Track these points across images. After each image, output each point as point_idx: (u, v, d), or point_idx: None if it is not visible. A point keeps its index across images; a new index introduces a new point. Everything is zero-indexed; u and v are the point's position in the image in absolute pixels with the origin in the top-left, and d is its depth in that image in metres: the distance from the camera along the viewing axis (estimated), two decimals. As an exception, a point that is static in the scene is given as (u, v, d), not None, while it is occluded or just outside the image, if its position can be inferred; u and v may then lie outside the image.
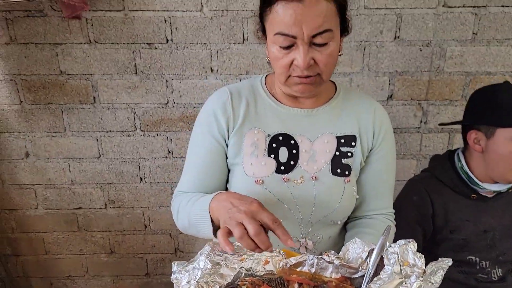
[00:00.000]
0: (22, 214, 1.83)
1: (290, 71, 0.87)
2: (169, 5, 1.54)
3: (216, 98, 1.00)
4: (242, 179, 0.95)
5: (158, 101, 1.67)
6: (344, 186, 0.96)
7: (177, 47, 1.59)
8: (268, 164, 0.95)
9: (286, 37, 0.83)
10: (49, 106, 1.66)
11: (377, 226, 1.00)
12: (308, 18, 0.80)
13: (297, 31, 0.81)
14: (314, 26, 0.81)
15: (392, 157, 1.04)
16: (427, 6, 1.56)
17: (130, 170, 1.78)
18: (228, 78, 1.64)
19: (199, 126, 1.01)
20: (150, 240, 1.90)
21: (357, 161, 0.99)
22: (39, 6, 1.53)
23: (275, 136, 0.96)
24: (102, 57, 1.60)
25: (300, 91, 0.90)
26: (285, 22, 0.81)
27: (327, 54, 0.85)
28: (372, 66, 1.64)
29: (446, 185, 1.29)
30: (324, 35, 0.82)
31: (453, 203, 1.28)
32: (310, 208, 0.95)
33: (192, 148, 1.01)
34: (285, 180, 0.94)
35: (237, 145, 0.96)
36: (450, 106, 1.69)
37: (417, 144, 1.75)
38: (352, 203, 0.99)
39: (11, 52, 1.58)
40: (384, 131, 1.00)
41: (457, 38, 1.60)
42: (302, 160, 0.96)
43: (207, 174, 0.99)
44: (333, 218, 0.97)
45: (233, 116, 0.97)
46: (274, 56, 0.87)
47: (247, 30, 1.57)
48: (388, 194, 1.05)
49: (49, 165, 1.75)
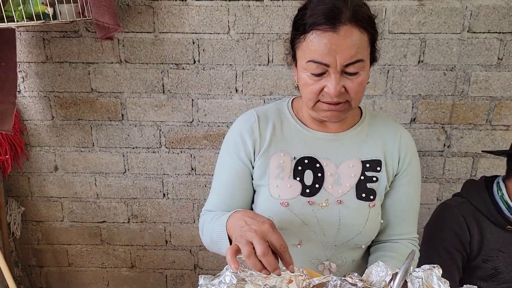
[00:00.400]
0: (48, 226, 1.88)
1: (319, 97, 0.89)
2: (198, 28, 1.59)
3: (243, 120, 1.03)
4: (268, 200, 0.97)
5: (184, 119, 1.71)
6: (369, 211, 0.97)
7: (204, 67, 1.64)
8: (294, 186, 0.96)
9: (319, 65, 0.85)
10: (79, 122, 1.73)
11: (401, 250, 1.00)
12: (342, 48, 0.82)
13: (331, 60, 0.83)
14: (348, 56, 0.83)
15: (417, 182, 1.04)
16: (452, 31, 1.57)
17: (154, 186, 1.81)
18: (252, 98, 1.67)
19: (226, 147, 1.03)
20: (171, 256, 1.93)
21: (382, 186, 0.99)
22: (74, 28, 1.60)
23: (301, 159, 0.98)
24: (131, 76, 1.66)
25: (328, 117, 0.92)
26: (319, 51, 0.83)
27: (358, 82, 0.87)
28: (396, 89, 1.65)
29: (481, 213, 1.26)
30: (356, 65, 0.85)
31: (489, 233, 1.24)
32: (334, 231, 0.96)
33: (219, 169, 1.04)
34: (310, 203, 0.95)
35: (263, 167, 0.98)
36: (474, 130, 1.68)
37: (440, 167, 1.74)
38: (377, 228, 1.00)
39: (46, 70, 1.66)
40: (410, 156, 1.01)
41: (482, 63, 1.60)
42: (327, 183, 0.97)
43: (232, 195, 1.01)
44: (357, 242, 0.98)
45: (259, 139, 0.99)
46: (304, 82, 0.89)
47: (272, 52, 1.61)
48: (413, 219, 1.05)
49: (76, 179, 1.81)
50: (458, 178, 1.74)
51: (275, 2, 1.55)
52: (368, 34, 0.86)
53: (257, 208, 1.00)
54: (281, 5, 1.55)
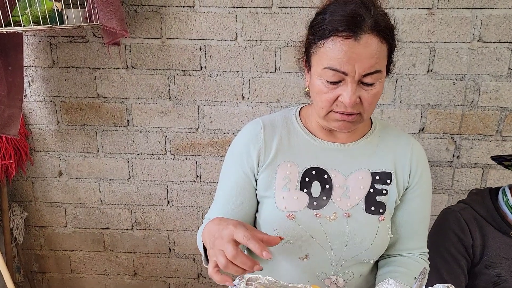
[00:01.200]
0: (51, 232, 1.87)
1: (333, 106, 0.86)
2: (205, 34, 1.59)
3: (249, 129, 1.00)
4: (273, 212, 0.94)
5: (189, 126, 1.70)
6: (378, 225, 0.93)
7: (211, 74, 1.63)
8: (301, 198, 0.93)
9: (336, 73, 0.82)
10: (84, 127, 1.72)
11: (411, 265, 0.97)
12: (362, 57, 0.79)
13: (349, 69, 0.80)
14: (367, 66, 0.80)
15: (428, 195, 1.01)
16: (462, 40, 1.55)
17: (158, 193, 1.80)
18: (259, 106, 1.66)
19: (230, 156, 1.01)
20: (174, 264, 1.90)
21: (392, 199, 0.96)
22: (81, 33, 1.60)
23: (308, 170, 0.95)
24: (138, 82, 1.65)
25: (339, 128, 0.89)
26: (338, 59, 0.80)
27: (373, 94, 0.84)
28: (404, 98, 1.63)
29: (484, 219, 1.24)
30: (374, 75, 0.82)
31: (491, 239, 1.23)
32: (342, 245, 0.93)
33: (222, 178, 1.02)
34: (317, 215, 0.92)
35: (269, 178, 0.95)
36: (484, 141, 1.65)
37: (449, 178, 1.71)
38: (386, 242, 0.96)
39: (52, 75, 1.65)
40: (421, 169, 0.98)
41: (492, 73, 1.58)
42: (335, 195, 0.94)
43: (233, 205, 0.98)
44: (365, 257, 0.94)
45: (264, 148, 0.96)
46: (318, 89, 0.86)
47: (280, 59, 1.60)
48: (423, 233, 1.02)
49: (80, 184, 1.80)
50: (467, 189, 1.71)
51: (283, 9, 1.54)
52: (388, 44, 0.84)
53: (262, 220, 0.97)
54: (289, 12, 1.54)
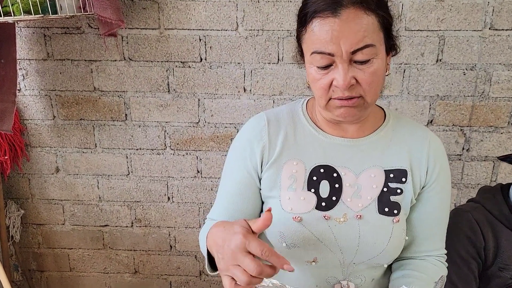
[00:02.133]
0: (49, 230, 1.82)
1: (330, 93, 0.79)
2: (204, 24, 1.52)
3: (252, 125, 0.93)
4: (279, 214, 0.87)
5: (189, 120, 1.64)
6: (392, 227, 0.86)
7: (211, 66, 1.57)
8: (308, 199, 0.86)
9: (323, 56, 0.76)
10: (81, 122, 1.66)
11: (428, 269, 0.90)
12: (345, 34, 0.73)
13: (335, 48, 0.74)
14: (353, 41, 0.74)
15: (447, 193, 0.94)
16: (472, 28, 1.49)
17: (158, 189, 1.75)
18: (261, 98, 1.60)
19: (232, 154, 0.95)
20: (175, 262, 1.86)
21: (408, 199, 0.89)
22: (76, 23, 1.54)
23: (316, 168, 0.88)
24: (135, 74, 1.59)
25: (342, 116, 0.82)
26: (321, 40, 0.75)
27: (370, 72, 0.77)
28: (412, 90, 1.57)
29: (496, 218, 1.19)
30: (365, 50, 0.75)
31: (505, 240, 1.17)
32: (353, 250, 0.86)
33: (224, 176, 0.96)
34: (326, 217, 0.85)
35: (273, 177, 0.89)
36: (495, 133, 1.59)
37: (459, 172, 1.65)
38: (401, 246, 0.89)
39: (47, 68, 1.60)
40: (440, 165, 0.90)
41: (504, 62, 1.51)
42: (346, 195, 0.87)
43: (236, 205, 0.92)
44: (378, 261, 0.88)
45: (269, 145, 0.89)
46: (312, 77, 0.81)
47: (282, 50, 1.54)
48: (441, 234, 0.95)
49: (78, 181, 1.75)
50: (478, 183, 1.65)
51: (286, -3, 1.48)
52: (377, 16, 0.76)
53: None
54: (292, 0, 1.48)
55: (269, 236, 0.89)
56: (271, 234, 0.89)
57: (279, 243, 0.87)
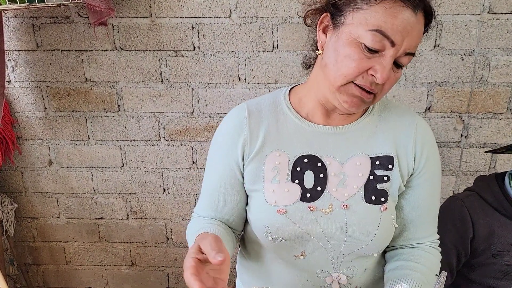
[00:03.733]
0: (43, 223, 1.80)
1: (358, 78, 0.75)
2: (197, 12, 1.49)
3: (232, 117, 0.90)
4: (263, 207, 0.85)
5: (183, 110, 1.61)
6: (381, 215, 0.83)
7: (204, 54, 1.54)
8: (292, 191, 0.83)
9: (384, 39, 0.71)
10: (73, 114, 1.63)
11: (422, 258, 0.88)
12: (413, 33, 0.72)
13: (399, 40, 0.71)
14: (414, 44, 0.73)
15: (437, 179, 0.91)
16: (471, 12, 1.46)
17: (153, 181, 1.72)
18: (256, 87, 1.57)
19: (214, 147, 0.92)
20: (172, 253, 1.84)
21: (395, 186, 0.86)
22: (65, 13, 1.50)
23: (300, 159, 0.85)
24: (127, 64, 1.56)
25: (350, 104, 0.78)
26: (394, 24, 0.70)
27: (396, 77, 0.76)
28: (409, 76, 1.54)
29: (492, 206, 1.18)
30: (409, 57, 0.75)
31: (499, 226, 1.16)
32: (341, 240, 0.84)
33: (207, 171, 0.93)
34: (311, 209, 0.83)
35: (256, 169, 0.86)
36: (494, 119, 1.57)
37: (457, 159, 1.63)
38: (390, 234, 0.87)
39: (37, 58, 1.56)
40: (428, 150, 0.87)
41: (503, 46, 1.49)
42: (331, 185, 0.84)
43: (220, 200, 0.90)
44: (368, 251, 0.85)
45: (250, 138, 0.86)
46: (347, 53, 0.73)
47: (277, 37, 1.51)
48: (433, 220, 0.92)
49: (72, 173, 1.72)
50: (476, 170, 1.64)
51: (280, -18, 1.44)
52: (425, 29, 0.76)
53: (252, 215, 0.88)
54: (286, -14, 1.44)
55: (255, 231, 0.88)
56: (256, 229, 0.87)
57: (265, 237, 0.85)
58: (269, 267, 0.93)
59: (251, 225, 0.90)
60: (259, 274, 0.96)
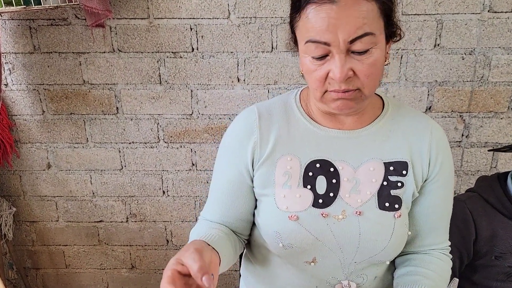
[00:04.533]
0: (42, 227, 1.79)
1: (326, 85, 0.74)
2: (195, 13, 1.48)
3: (242, 119, 0.88)
4: (274, 213, 0.83)
5: (183, 112, 1.60)
6: (394, 222, 0.81)
7: (203, 56, 1.53)
8: (304, 196, 0.82)
9: (318, 45, 0.70)
10: (72, 117, 1.62)
11: (433, 264, 0.87)
12: (343, 22, 0.68)
13: (331, 38, 0.69)
14: (352, 29, 0.68)
15: (451, 185, 0.89)
16: (471, 11, 1.45)
17: (153, 183, 1.71)
18: (256, 88, 1.56)
19: (223, 150, 0.90)
20: (172, 256, 1.82)
21: (409, 192, 0.84)
22: (63, 15, 1.49)
23: (312, 163, 0.83)
24: (125, 66, 1.55)
25: (339, 108, 0.76)
26: (317, 28, 0.69)
27: (369, 63, 0.71)
28: (410, 76, 1.53)
29: (494, 208, 1.16)
30: (364, 39, 0.69)
31: (502, 228, 1.15)
32: (354, 248, 0.82)
33: (215, 174, 0.91)
34: (323, 215, 0.81)
35: (267, 174, 0.84)
36: (495, 118, 1.56)
37: (458, 159, 1.62)
38: (403, 241, 0.85)
39: (34, 61, 1.55)
40: (442, 156, 0.85)
41: (504, 45, 1.48)
42: (344, 191, 0.82)
43: (227, 204, 0.88)
44: (380, 259, 0.84)
45: (260, 142, 0.84)
46: (306, 68, 0.75)
47: (276, 38, 1.49)
48: (445, 227, 0.91)
49: (71, 176, 1.71)
50: (478, 170, 1.63)
51: (278, -18, 1.43)
52: (377, 2, 0.70)
53: (261, 221, 0.87)
54: (285, -14, 1.43)
55: (265, 237, 0.86)
56: (266, 235, 0.85)
57: (275, 243, 0.83)
58: (276, 272, 0.91)
59: (260, 230, 0.88)
60: (264, 279, 0.95)
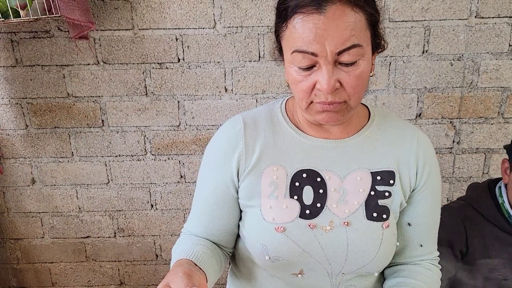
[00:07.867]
0: (27, 244, 1.74)
1: (312, 96, 0.73)
2: (181, 23, 1.46)
3: (226, 130, 0.85)
4: (260, 225, 0.80)
5: (170, 123, 1.57)
6: (383, 233, 0.80)
7: (189, 66, 1.50)
8: (291, 207, 0.79)
9: (305, 55, 0.69)
10: (56, 130, 1.58)
11: (422, 275, 0.85)
12: (331, 32, 0.67)
13: (319, 48, 0.67)
14: (339, 41, 0.67)
15: (438, 194, 0.88)
16: (458, 17, 1.44)
17: (140, 197, 1.67)
18: (244, 98, 1.54)
19: (207, 161, 0.87)
20: (162, 271, 1.79)
21: (397, 201, 0.82)
22: (45, 27, 1.46)
23: (298, 173, 0.81)
24: (110, 78, 1.52)
25: (324, 120, 0.75)
26: (304, 38, 0.68)
27: (356, 75, 0.70)
28: (399, 83, 1.52)
29: (484, 217, 1.15)
30: (351, 51, 0.68)
31: (493, 239, 1.13)
32: (342, 259, 0.80)
33: (199, 187, 0.88)
34: (311, 226, 0.79)
35: (252, 185, 0.82)
36: (485, 124, 1.55)
37: (450, 166, 1.61)
38: (392, 252, 0.83)
39: (16, 75, 1.51)
40: (430, 165, 0.84)
41: (492, 50, 1.47)
42: (331, 201, 0.80)
43: (212, 217, 0.85)
44: (369, 270, 0.81)
45: (245, 152, 0.82)
46: (292, 78, 0.74)
47: (263, 47, 1.48)
48: (433, 237, 0.89)
49: (56, 192, 1.67)
50: (470, 176, 1.61)
51: (264, -9, 1.42)
52: (365, 13, 0.69)
53: (247, 233, 0.84)
54: (271, -5, 1.42)
55: (251, 249, 0.83)
56: (252, 247, 0.82)
57: (261, 256, 0.80)
58: (262, 285, 0.89)
59: (245, 243, 0.85)
60: None
